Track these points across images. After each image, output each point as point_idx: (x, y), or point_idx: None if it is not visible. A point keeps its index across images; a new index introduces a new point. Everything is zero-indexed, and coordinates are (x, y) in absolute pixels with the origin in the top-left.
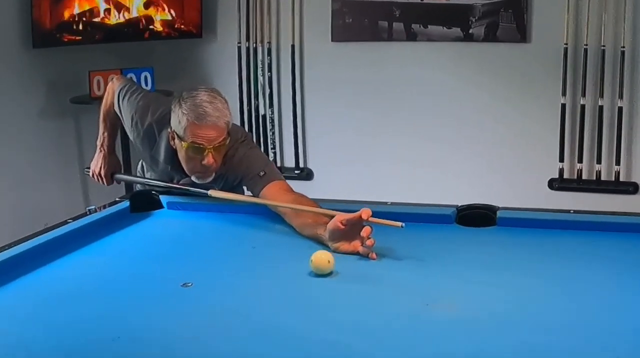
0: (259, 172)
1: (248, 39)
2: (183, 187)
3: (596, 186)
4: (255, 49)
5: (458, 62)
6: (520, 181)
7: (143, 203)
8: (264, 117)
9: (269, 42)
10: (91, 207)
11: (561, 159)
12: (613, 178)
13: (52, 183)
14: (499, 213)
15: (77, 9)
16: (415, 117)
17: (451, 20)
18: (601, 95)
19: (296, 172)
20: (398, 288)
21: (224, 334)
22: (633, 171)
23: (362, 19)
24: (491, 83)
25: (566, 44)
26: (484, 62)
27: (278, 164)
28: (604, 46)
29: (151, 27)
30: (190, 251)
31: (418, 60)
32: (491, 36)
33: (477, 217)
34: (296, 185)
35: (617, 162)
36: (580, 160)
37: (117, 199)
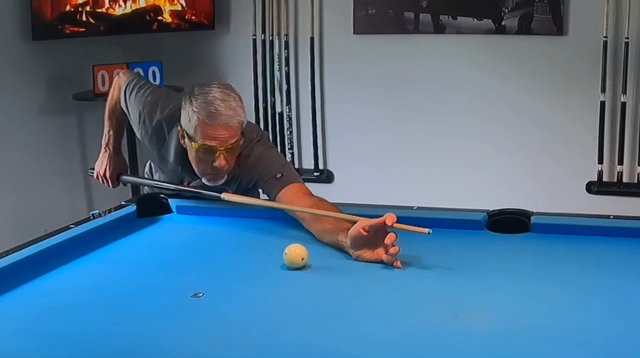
0: (276, 174)
1: (264, 31)
2: (194, 190)
3: (637, 190)
4: (271, 42)
5: (489, 57)
6: (556, 184)
7: (151, 207)
8: (281, 115)
9: (287, 35)
10: (95, 212)
11: (600, 161)
12: None
13: (53, 185)
14: (533, 218)
15: None
16: (443, 116)
17: (482, 11)
18: None
19: (315, 174)
20: (424, 298)
21: (237, 348)
22: None
23: (387, 10)
24: (525, 79)
25: (606, 37)
26: (518, 57)
27: (296, 166)
28: None
29: (160, 18)
30: (201, 259)
31: (446, 54)
32: (525, 28)
33: (510, 223)
34: (315, 188)
35: None
36: (620, 161)
37: (123, 203)
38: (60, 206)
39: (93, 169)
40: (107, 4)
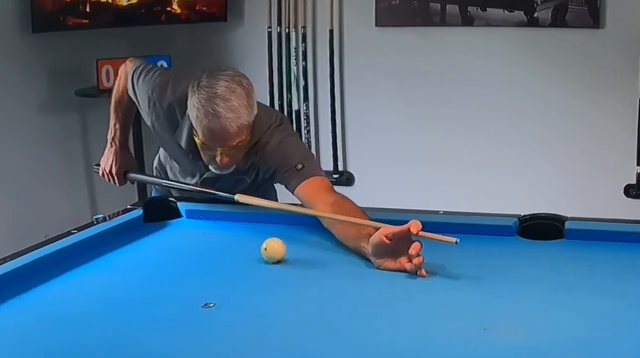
0: (297, 165)
1: (279, 23)
2: (207, 190)
3: None
4: (287, 35)
5: (521, 51)
6: (592, 187)
7: (158, 211)
8: (298, 113)
9: (304, 27)
10: (99, 216)
11: (639, 162)
12: None
13: (54, 188)
14: (568, 224)
15: None
16: (470, 114)
17: (513, 2)
18: None
19: (335, 176)
20: (450, 310)
21: None
22: None
23: (411, 1)
24: (559, 75)
25: None
26: (551, 51)
27: None
28: None
29: (168, 9)
30: (212, 267)
31: (475, 48)
32: (559, 21)
33: (542, 229)
34: None
35: None
36: None
37: (129, 207)
38: (61, 210)
39: (98, 165)
40: None
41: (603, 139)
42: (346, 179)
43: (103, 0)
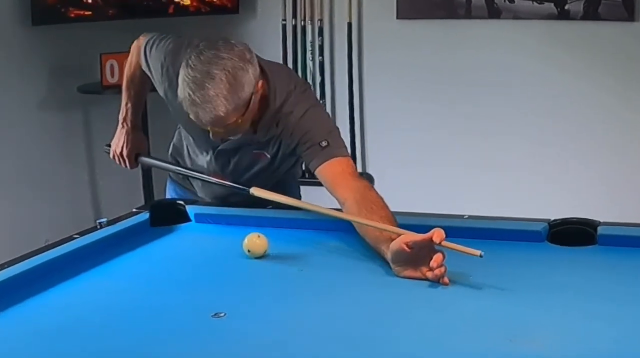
0: (321, 141)
1: (295, 16)
2: (222, 182)
3: None
4: (303, 28)
5: (551, 45)
6: (626, 191)
7: (166, 215)
8: None
9: (321, 20)
10: (102, 220)
11: None
12: None
13: (55, 190)
14: (600, 229)
15: None
16: (497, 112)
17: None
18: None
19: None
20: (475, 320)
21: None
22: None
23: None
24: (591, 70)
25: None
26: (583, 45)
27: None
28: None
29: (177, 1)
30: (222, 274)
31: (502, 42)
32: (592, 13)
33: (574, 234)
34: None
35: None
36: None
37: (135, 210)
38: (63, 213)
39: (109, 146)
40: None
41: (638, 138)
42: None
43: None
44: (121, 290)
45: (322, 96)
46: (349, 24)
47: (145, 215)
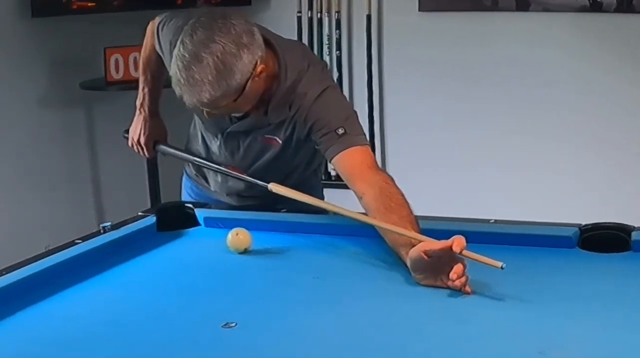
0: (337, 128)
1: (311, 7)
2: (240, 175)
3: None
4: (320, 20)
5: (582, 39)
6: None
7: (173, 219)
8: None
9: (338, 12)
10: (106, 224)
11: None
12: None
13: (56, 192)
14: (635, 234)
15: None
16: (525, 109)
17: None
18: None
19: None
20: (501, 331)
21: None
22: None
23: None
24: (625, 66)
25: None
26: (617, 40)
27: None
28: None
29: None
30: (233, 282)
31: (531, 36)
32: (626, 5)
33: (606, 240)
34: None
35: None
36: None
37: (140, 214)
38: (64, 217)
39: (128, 132)
40: None
41: None
42: None
43: None
44: (125, 298)
45: None
46: (368, 17)
47: (151, 219)
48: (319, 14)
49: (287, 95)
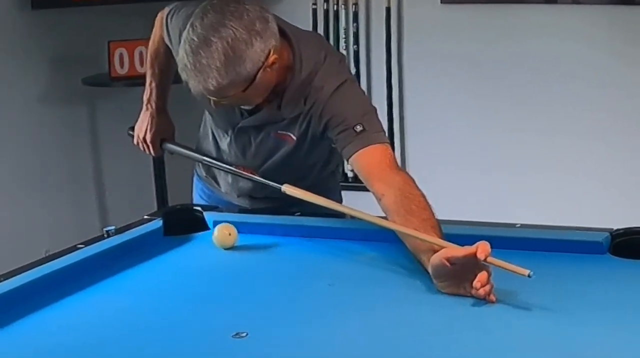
0: (355, 125)
1: None
2: (253, 177)
3: None
4: (336, 13)
5: (614, 33)
6: None
7: (181, 222)
8: None
9: (356, 4)
10: (110, 228)
11: None
12: None
13: (57, 194)
14: None
15: None
16: (553, 108)
17: None
18: None
19: None
20: (528, 342)
21: None
22: None
23: None
24: None
25: None
26: None
27: None
28: None
29: None
30: (244, 289)
31: (560, 30)
32: None
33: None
34: None
35: None
36: None
37: (146, 217)
38: (65, 220)
39: (133, 129)
40: None
41: None
42: None
43: None
44: (130, 307)
45: None
46: (388, 9)
47: (157, 222)
48: (335, 6)
49: (302, 88)
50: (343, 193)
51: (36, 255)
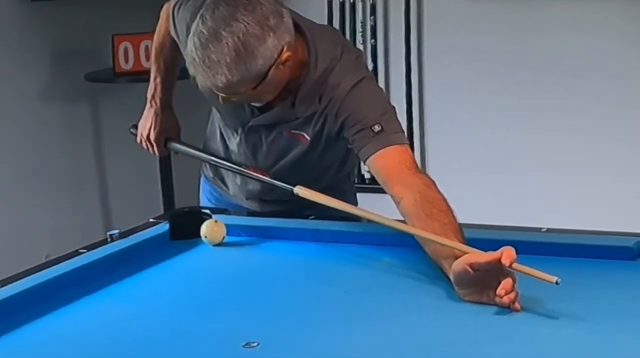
0: (373, 125)
1: None
2: (263, 178)
3: None
4: (353, 6)
5: None
6: None
7: (188, 226)
8: None
9: None
10: (114, 232)
11: None
12: None
13: (58, 195)
14: None
15: None
16: (581, 106)
17: None
18: None
19: None
20: (555, 351)
21: None
22: None
23: None
24: None
25: None
26: None
27: None
28: None
29: None
30: (255, 297)
31: (588, 24)
32: None
33: None
34: None
35: None
36: None
37: (152, 220)
38: (67, 223)
39: (136, 128)
40: None
41: None
42: None
43: None
44: (135, 315)
45: None
46: (407, 1)
47: (164, 226)
48: None
49: (317, 85)
50: (359, 195)
51: (36, 260)
